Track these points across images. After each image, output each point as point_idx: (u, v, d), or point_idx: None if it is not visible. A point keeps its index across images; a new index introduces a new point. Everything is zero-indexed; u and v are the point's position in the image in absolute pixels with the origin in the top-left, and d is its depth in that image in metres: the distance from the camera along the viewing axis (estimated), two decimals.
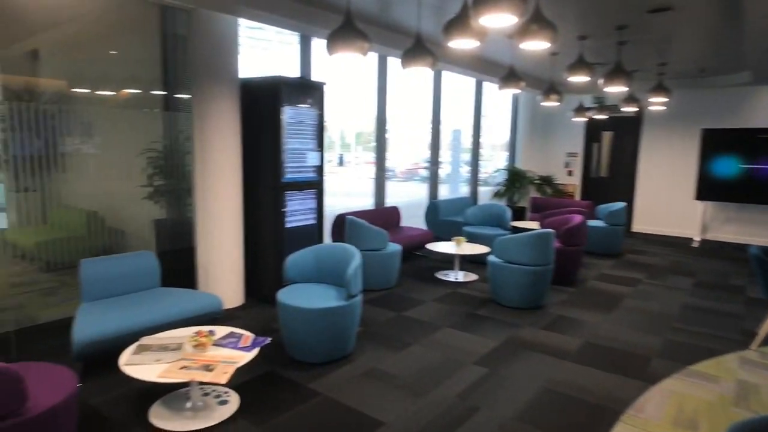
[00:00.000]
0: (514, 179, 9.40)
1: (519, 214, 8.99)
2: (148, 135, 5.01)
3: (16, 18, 5.74)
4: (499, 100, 10.06)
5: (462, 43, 3.22)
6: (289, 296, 3.53)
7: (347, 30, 3.36)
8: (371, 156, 7.26)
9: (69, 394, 2.25)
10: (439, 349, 3.79)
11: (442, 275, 5.81)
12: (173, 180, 4.90)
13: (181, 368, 2.60)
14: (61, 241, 5.44)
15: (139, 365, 2.63)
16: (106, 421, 2.76)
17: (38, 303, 4.94)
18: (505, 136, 10.40)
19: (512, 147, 10.34)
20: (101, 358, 3.21)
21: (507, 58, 6.72)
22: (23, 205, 5.50)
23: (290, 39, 5.96)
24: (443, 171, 8.73)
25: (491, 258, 4.92)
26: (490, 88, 8.90)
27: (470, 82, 8.66)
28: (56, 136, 4.84)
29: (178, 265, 4.53)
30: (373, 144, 7.13)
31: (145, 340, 2.90)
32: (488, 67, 7.27)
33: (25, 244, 5.50)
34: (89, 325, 3.13)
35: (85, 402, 2.92)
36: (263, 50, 6.65)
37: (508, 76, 5.44)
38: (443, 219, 7.46)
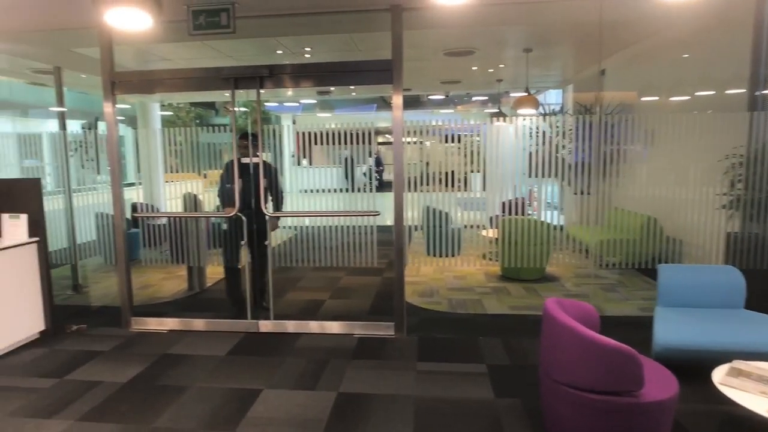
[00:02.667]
0: None
1: None
2: (723, 139, 4.61)
3: (591, 48, 6.62)
4: None
5: None
6: None
7: None
8: None
9: (673, 394, 2.33)
10: None
11: None
12: (755, 190, 4.32)
13: None
14: (617, 242, 5.86)
15: (739, 390, 2.43)
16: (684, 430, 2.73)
17: (600, 296, 5.52)
18: None
19: None
20: (676, 364, 3.20)
21: None
22: (580, 206, 6.28)
23: None
24: None
25: None
26: None
27: None
28: (614, 144, 5.17)
29: (759, 287, 3.95)
30: None
31: (739, 364, 2.66)
32: None
33: (587, 240, 6.25)
34: (670, 330, 3.19)
35: None
36: None
37: None
38: None
